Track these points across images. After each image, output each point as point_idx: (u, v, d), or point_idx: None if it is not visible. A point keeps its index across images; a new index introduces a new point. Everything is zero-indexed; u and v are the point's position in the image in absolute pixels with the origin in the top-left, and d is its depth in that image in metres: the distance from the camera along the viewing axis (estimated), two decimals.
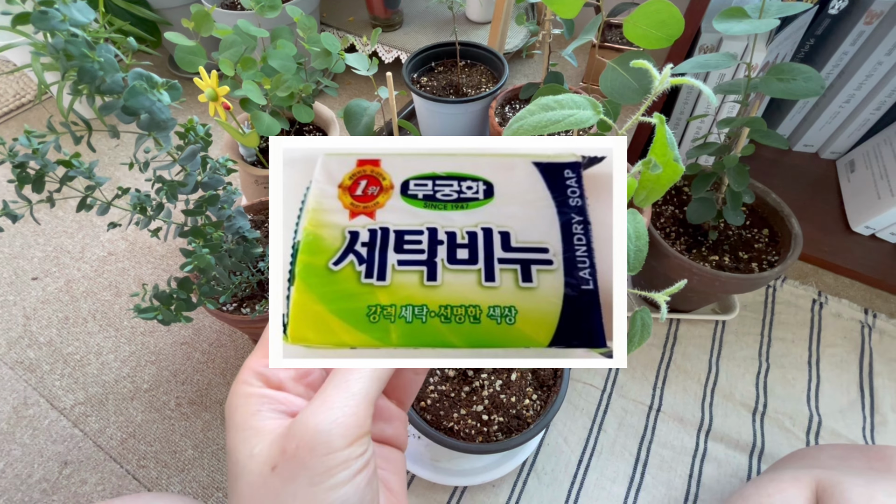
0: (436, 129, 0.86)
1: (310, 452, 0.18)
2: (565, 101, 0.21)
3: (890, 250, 0.74)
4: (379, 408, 0.24)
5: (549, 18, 0.61)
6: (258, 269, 0.55)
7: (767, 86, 0.44)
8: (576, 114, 0.21)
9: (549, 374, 0.50)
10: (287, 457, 0.18)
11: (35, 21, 0.26)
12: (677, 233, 0.62)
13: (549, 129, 0.20)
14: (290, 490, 0.18)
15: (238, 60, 0.57)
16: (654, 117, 0.19)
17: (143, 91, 0.30)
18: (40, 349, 0.69)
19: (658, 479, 0.57)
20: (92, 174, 0.37)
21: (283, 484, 0.18)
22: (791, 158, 0.86)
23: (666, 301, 0.25)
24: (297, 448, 0.18)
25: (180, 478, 0.59)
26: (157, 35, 0.98)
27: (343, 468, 0.18)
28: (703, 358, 0.67)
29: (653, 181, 0.21)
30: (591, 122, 0.21)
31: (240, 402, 0.20)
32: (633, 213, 0.24)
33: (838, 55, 0.73)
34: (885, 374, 0.64)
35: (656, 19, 0.35)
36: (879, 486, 0.38)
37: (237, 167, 0.62)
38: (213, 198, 0.41)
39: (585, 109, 0.21)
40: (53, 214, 0.86)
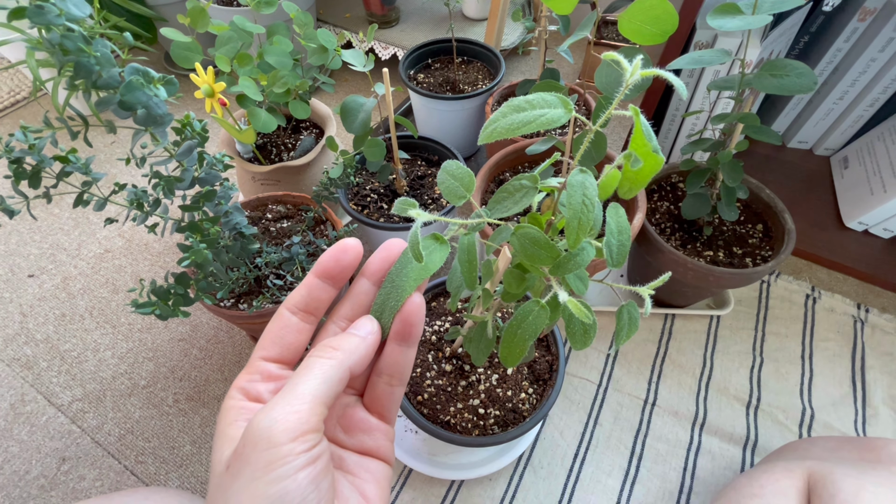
0: (432, 125, 0.86)
1: (253, 448, 0.19)
2: (536, 101, 0.21)
3: (883, 246, 0.75)
4: (357, 420, 0.25)
5: (546, 15, 0.61)
6: (255, 265, 0.55)
7: (761, 82, 0.45)
8: (547, 113, 0.21)
9: (545, 368, 0.50)
10: (236, 456, 0.20)
11: (31, 16, 0.26)
12: (672, 228, 0.63)
13: (522, 131, 0.20)
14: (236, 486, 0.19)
15: (234, 57, 0.57)
16: (629, 109, 0.19)
17: (139, 86, 0.30)
18: (37, 346, 0.69)
19: (653, 472, 0.58)
20: (88, 170, 0.37)
21: (232, 480, 0.19)
22: (785, 155, 0.87)
23: (651, 294, 0.25)
24: (243, 446, 0.19)
25: (178, 473, 0.59)
26: (152, 31, 0.97)
27: (283, 463, 0.19)
28: (698, 352, 0.67)
29: (634, 173, 0.21)
30: (563, 121, 0.21)
31: (222, 415, 0.22)
32: (615, 207, 0.24)
33: (832, 52, 0.74)
34: (876, 368, 0.65)
35: (651, 15, 0.35)
36: (869, 476, 0.39)
37: (233, 163, 0.62)
38: (209, 193, 0.41)
39: (556, 108, 0.21)
40: (50, 211, 0.85)
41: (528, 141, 0.66)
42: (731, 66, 0.67)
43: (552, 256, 0.24)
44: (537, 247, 0.24)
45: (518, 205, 0.25)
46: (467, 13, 1.08)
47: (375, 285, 0.25)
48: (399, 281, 0.24)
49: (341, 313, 0.25)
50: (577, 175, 0.21)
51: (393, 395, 0.25)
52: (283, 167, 0.66)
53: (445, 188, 0.26)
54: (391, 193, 0.68)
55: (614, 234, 0.23)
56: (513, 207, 0.25)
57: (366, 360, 0.23)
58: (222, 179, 0.44)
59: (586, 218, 0.21)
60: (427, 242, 0.24)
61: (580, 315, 0.24)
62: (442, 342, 0.51)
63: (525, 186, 0.25)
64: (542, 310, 0.26)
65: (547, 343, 0.52)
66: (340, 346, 0.22)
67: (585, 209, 0.21)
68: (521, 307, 0.26)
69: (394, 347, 0.24)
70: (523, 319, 0.26)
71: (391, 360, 0.24)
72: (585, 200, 0.21)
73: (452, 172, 0.26)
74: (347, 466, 0.24)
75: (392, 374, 0.25)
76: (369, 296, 0.25)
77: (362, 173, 0.70)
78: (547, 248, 0.24)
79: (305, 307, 0.24)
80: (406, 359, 0.25)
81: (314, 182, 0.70)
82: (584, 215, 0.21)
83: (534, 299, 0.26)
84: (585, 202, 0.21)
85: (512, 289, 0.29)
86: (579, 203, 0.21)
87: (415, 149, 0.73)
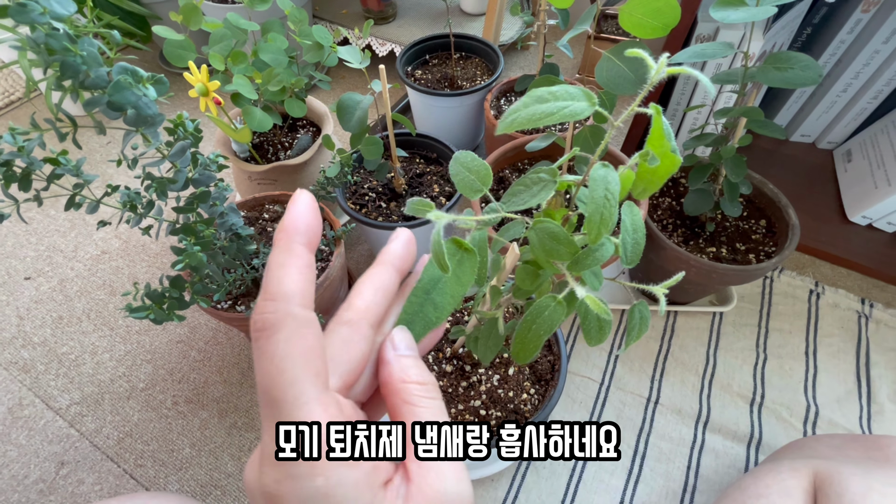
0: (431, 123, 0.85)
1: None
2: (560, 93, 0.20)
3: (887, 240, 0.74)
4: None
5: (544, 9, 0.60)
6: (252, 267, 0.54)
7: (764, 75, 0.44)
8: (570, 105, 0.20)
9: (547, 368, 0.49)
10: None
11: (14, 14, 0.25)
12: (674, 225, 0.62)
13: (544, 122, 0.20)
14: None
15: (228, 55, 0.56)
16: (650, 108, 0.19)
17: (127, 85, 0.30)
18: (34, 349, 0.69)
19: (656, 471, 0.57)
20: (80, 172, 0.36)
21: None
22: (788, 148, 0.86)
23: (665, 294, 0.24)
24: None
25: (178, 476, 0.58)
26: (146, 30, 0.96)
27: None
28: (701, 350, 0.67)
29: (650, 173, 0.21)
30: (585, 114, 0.20)
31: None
32: (629, 206, 0.23)
33: (835, 44, 0.73)
34: (881, 364, 0.64)
35: (652, 8, 0.35)
36: (877, 475, 0.38)
37: (229, 163, 0.61)
38: (203, 194, 0.40)
39: (580, 101, 0.20)
40: (45, 213, 0.85)
41: (528, 137, 0.65)
42: (733, 59, 0.66)
43: (571, 252, 0.24)
44: (556, 242, 0.23)
45: (535, 198, 0.24)
46: (465, 8, 1.07)
47: (399, 274, 0.23)
48: (437, 297, 0.22)
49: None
50: (600, 169, 0.21)
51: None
52: (280, 166, 0.65)
53: (460, 181, 0.25)
54: (389, 192, 0.67)
55: (629, 233, 0.23)
56: (530, 200, 0.24)
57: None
58: (217, 180, 0.43)
59: (609, 213, 0.21)
60: (451, 249, 0.23)
61: (599, 311, 0.23)
62: (442, 342, 0.50)
63: (543, 180, 0.24)
64: (558, 305, 0.25)
65: (549, 343, 0.52)
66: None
67: (608, 204, 0.21)
68: (535, 303, 0.25)
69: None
70: (538, 315, 0.25)
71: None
72: (608, 195, 0.20)
73: (467, 164, 0.26)
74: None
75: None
76: (394, 287, 0.23)
77: (360, 172, 0.69)
78: (566, 244, 0.23)
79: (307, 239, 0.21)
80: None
81: (311, 181, 0.70)
82: (606, 210, 0.21)
83: (549, 295, 0.25)
84: (608, 196, 0.20)
85: (525, 285, 0.29)
86: (601, 198, 0.20)
87: (413, 146, 0.72)
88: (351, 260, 0.77)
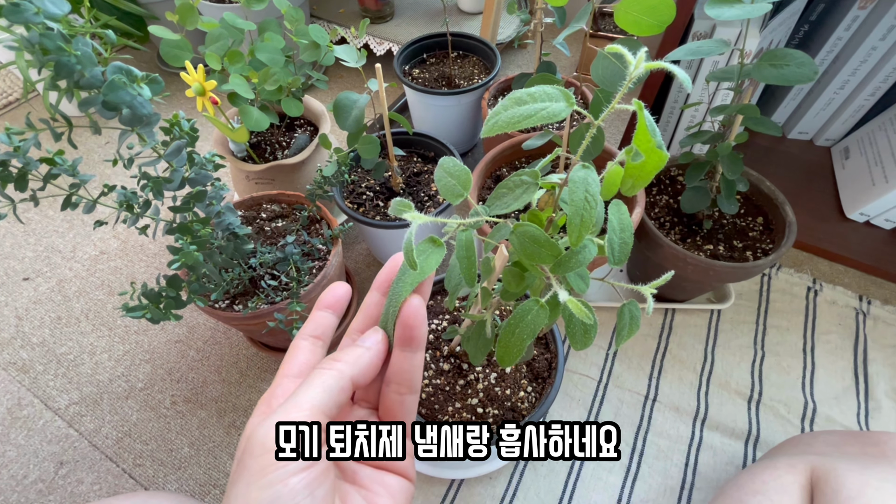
0: (429, 122, 0.85)
1: (249, 455, 0.20)
2: (538, 94, 0.20)
3: (884, 237, 0.74)
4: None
5: (541, 7, 0.60)
6: (250, 266, 0.54)
7: (760, 72, 0.44)
8: (549, 107, 0.20)
9: (544, 366, 0.49)
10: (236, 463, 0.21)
11: (7, 14, 0.25)
12: (672, 222, 0.62)
13: (524, 124, 0.20)
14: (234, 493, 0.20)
15: (225, 54, 0.56)
16: (633, 103, 0.19)
17: (122, 85, 0.30)
18: (33, 350, 0.69)
19: (654, 469, 0.57)
20: (76, 171, 0.36)
21: (231, 487, 0.20)
22: (785, 146, 0.86)
23: (652, 293, 0.24)
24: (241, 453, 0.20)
25: (177, 475, 0.58)
26: (143, 30, 0.96)
27: (275, 468, 0.19)
28: (699, 347, 0.67)
29: (637, 169, 0.21)
30: (564, 115, 0.20)
31: (246, 429, 0.23)
32: (617, 204, 0.23)
33: (832, 41, 0.73)
34: (879, 361, 0.65)
35: (647, 5, 0.35)
36: (873, 471, 0.38)
37: (226, 163, 0.61)
38: (200, 194, 0.40)
39: (558, 101, 0.20)
40: (44, 214, 0.85)
41: (525, 136, 0.65)
42: (729, 56, 0.66)
43: (553, 255, 0.23)
44: (537, 245, 0.23)
45: (518, 201, 0.24)
46: (462, 7, 1.07)
47: (384, 296, 0.26)
48: (397, 288, 0.24)
49: (354, 326, 0.26)
50: (580, 171, 0.21)
51: (404, 404, 0.25)
52: (277, 166, 0.65)
53: (443, 186, 0.26)
54: (387, 191, 0.67)
55: (616, 232, 0.23)
56: (513, 203, 0.24)
57: (371, 369, 0.23)
58: (213, 179, 0.43)
59: (589, 215, 0.20)
60: (423, 247, 0.24)
61: (581, 315, 0.23)
62: (440, 341, 0.50)
63: (525, 182, 0.24)
64: (541, 309, 0.25)
65: (546, 341, 0.52)
66: (343, 358, 0.23)
67: (588, 206, 0.20)
68: (519, 306, 0.25)
69: (399, 354, 0.24)
70: (522, 318, 0.25)
71: (397, 367, 0.24)
72: (588, 197, 0.20)
73: (449, 170, 0.26)
74: (360, 480, 0.23)
75: (399, 382, 0.24)
76: (379, 307, 0.26)
77: (357, 171, 0.69)
78: (547, 247, 0.23)
79: (313, 333, 0.26)
80: (412, 365, 0.24)
81: (309, 180, 0.70)
82: (586, 212, 0.20)
83: (533, 298, 0.25)
84: (588, 199, 0.20)
85: (511, 287, 0.29)
86: (581, 200, 0.20)
87: (410, 145, 0.72)
88: (349, 259, 0.77)
